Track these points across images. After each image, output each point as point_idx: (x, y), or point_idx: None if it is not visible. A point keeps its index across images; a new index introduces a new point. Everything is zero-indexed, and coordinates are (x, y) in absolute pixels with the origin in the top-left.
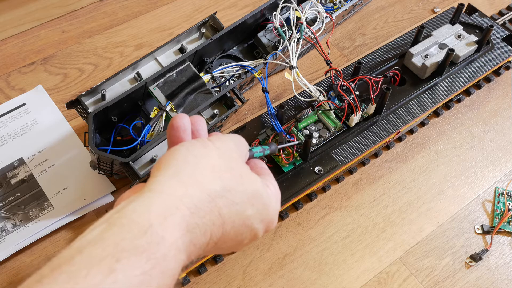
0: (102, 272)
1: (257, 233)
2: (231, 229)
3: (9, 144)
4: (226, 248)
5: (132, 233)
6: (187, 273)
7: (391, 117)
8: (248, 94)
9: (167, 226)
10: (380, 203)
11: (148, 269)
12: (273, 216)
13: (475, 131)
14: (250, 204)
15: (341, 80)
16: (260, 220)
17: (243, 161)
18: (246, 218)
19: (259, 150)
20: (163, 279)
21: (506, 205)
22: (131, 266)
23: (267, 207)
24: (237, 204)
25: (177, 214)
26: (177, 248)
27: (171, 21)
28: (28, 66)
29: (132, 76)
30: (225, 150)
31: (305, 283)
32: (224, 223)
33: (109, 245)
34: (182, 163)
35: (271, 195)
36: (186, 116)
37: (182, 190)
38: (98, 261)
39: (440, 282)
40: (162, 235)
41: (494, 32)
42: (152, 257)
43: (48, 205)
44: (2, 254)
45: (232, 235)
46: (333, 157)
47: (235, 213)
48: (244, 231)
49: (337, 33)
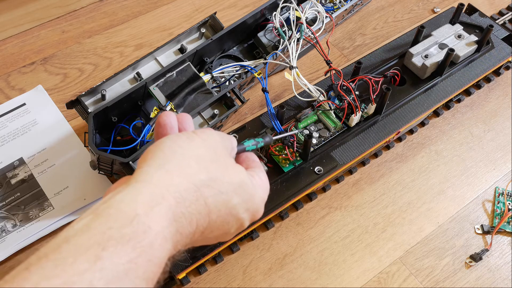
0: (88, 259)
1: (243, 222)
2: (217, 218)
3: (9, 144)
4: (213, 237)
5: (119, 222)
6: (187, 273)
7: (391, 117)
8: (248, 94)
9: (153, 216)
10: (380, 203)
11: (134, 257)
12: (259, 205)
13: (475, 131)
14: (236, 193)
15: (341, 80)
16: (246, 209)
17: (228, 154)
18: (232, 207)
19: (252, 143)
20: (149, 267)
21: (506, 205)
22: (117, 254)
23: (252, 197)
24: (223, 194)
25: (163, 204)
26: (164, 237)
27: (171, 21)
28: (28, 66)
29: (132, 76)
30: (210, 142)
31: (305, 283)
32: (210, 212)
33: (95, 234)
34: (168, 154)
35: (257, 185)
36: (172, 114)
37: (168, 180)
38: (84, 250)
39: (440, 282)
40: (149, 224)
41: (494, 32)
42: (138, 245)
43: (48, 205)
44: (2, 254)
45: (219, 224)
46: (333, 157)
47: (221, 202)
48: (230, 220)
49: (337, 33)
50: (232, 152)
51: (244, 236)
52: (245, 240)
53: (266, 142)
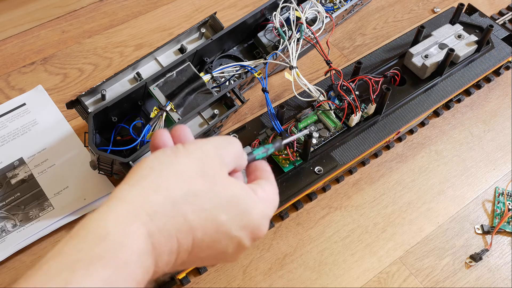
0: (59, 284)
1: (240, 241)
2: (204, 236)
3: (9, 144)
4: (208, 258)
5: (89, 243)
6: (187, 273)
7: (391, 117)
8: (248, 94)
9: (126, 233)
10: (380, 203)
11: (108, 276)
12: (258, 222)
13: (475, 131)
14: (223, 209)
15: (341, 80)
16: (240, 227)
17: (222, 165)
18: (220, 225)
19: (261, 151)
20: (128, 284)
21: (506, 205)
22: (88, 275)
23: (247, 213)
24: (206, 210)
25: (136, 221)
26: (139, 254)
27: (171, 21)
28: (28, 66)
29: (132, 76)
30: (198, 155)
31: (305, 283)
32: (192, 229)
33: (65, 257)
34: (146, 171)
35: (257, 200)
36: (165, 132)
37: (142, 197)
38: (54, 275)
39: (440, 282)
40: (121, 241)
41: (494, 32)
42: (111, 264)
43: (48, 205)
44: (2, 254)
45: (208, 243)
46: (333, 157)
47: (204, 219)
48: (221, 238)
49: (337, 33)
50: (238, 159)
51: None
52: None
53: (276, 148)
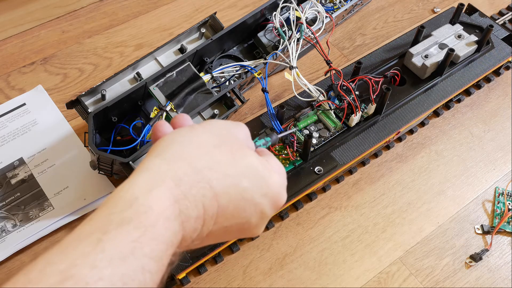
0: (90, 243)
1: (263, 209)
2: (229, 202)
3: (9, 144)
4: (232, 229)
5: (119, 207)
6: (187, 273)
7: (391, 117)
8: (248, 94)
9: (152, 198)
10: (380, 203)
11: (138, 236)
12: (277, 190)
13: (475, 131)
14: (245, 176)
15: (341, 80)
16: (262, 194)
17: (235, 138)
18: (243, 191)
19: (262, 142)
20: (156, 246)
21: (506, 205)
22: (119, 235)
23: (266, 181)
24: (229, 177)
25: (162, 186)
26: (166, 217)
27: (171, 21)
28: (28, 66)
29: (132, 76)
30: (213, 129)
31: (305, 283)
32: (217, 195)
33: (97, 221)
34: (168, 144)
35: (271, 169)
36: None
37: (166, 165)
38: (86, 236)
39: (440, 282)
40: (148, 205)
41: (494, 32)
42: (140, 225)
43: (48, 205)
44: (2, 254)
45: (232, 210)
46: (333, 157)
47: (228, 185)
48: (245, 206)
49: (337, 33)
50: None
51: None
52: (245, 240)
53: (273, 141)
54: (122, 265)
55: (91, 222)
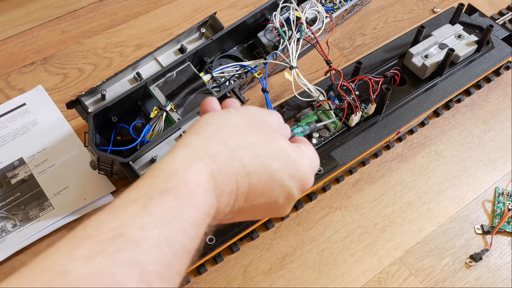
0: (137, 207)
1: (290, 190)
2: (258, 182)
3: (9, 144)
4: (261, 207)
5: (161, 178)
6: (187, 273)
7: (391, 117)
8: (248, 94)
9: (191, 171)
10: (380, 203)
11: (178, 204)
12: (306, 173)
13: (475, 131)
14: (275, 158)
15: (341, 80)
16: (290, 176)
17: (267, 124)
18: (273, 172)
19: (300, 130)
20: (194, 214)
21: (506, 205)
22: (162, 201)
23: (296, 164)
24: (260, 158)
25: (200, 161)
26: (204, 189)
27: (171, 21)
28: (28, 66)
29: (132, 76)
30: (248, 113)
31: (305, 283)
32: (248, 174)
33: (142, 189)
34: (204, 124)
35: (301, 154)
36: (214, 99)
37: (202, 142)
38: (133, 200)
39: (440, 282)
40: (188, 177)
41: (494, 32)
42: (181, 194)
43: (48, 205)
44: (2, 254)
45: (262, 189)
46: (333, 157)
47: (259, 165)
48: (274, 186)
49: (337, 33)
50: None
51: (244, 236)
52: (245, 240)
53: (311, 129)
54: (166, 228)
55: (135, 189)
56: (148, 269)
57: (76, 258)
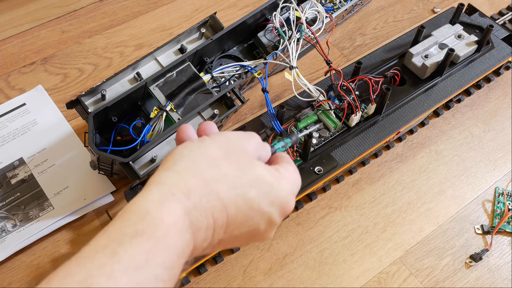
0: (106, 255)
1: (271, 217)
2: (237, 212)
3: (9, 144)
4: (242, 236)
5: (132, 221)
6: (187, 273)
7: (391, 117)
8: (248, 94)
9: (163, 210)
10: (380, 203)
11: (150, 247)
12: (286, 197)
13: (475, 131)
14: (252, 187)
15: (341, 80)
16: (270, 202)
17: (243, 150)
18: (251, 200)
19: (281, 145)
20: (167, 256)
21: (506, 205)
22: (133, 247)
23: (274, 189)
24: (236, 188)
25: (173, 199)
26: (178, 228)
27: (171, 21)
28: (28, 66)
29: (132, 76)
30: (222, 141)
31: (305, 283)
32: (225, 206)
33: (112, 233)
34: (177, 158)
35: (280, 178)
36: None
37: (176, 178)
38: (103, 247)
39: (440, 282)
40: (160, 217)
41: (494, 32)
42: (153, 236)
43: (48, 205)
44: (2, 254)
45: (241, 219)
46: (333, 157)
47: (236, 195)
48: (253, 214)
49: (337, 33)
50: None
51: None
52: None
53: (293, 141)
54: (137, 275)
55: (106, 234)
56: None
57: None
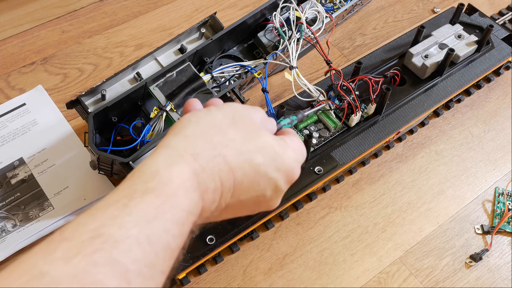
0: (117, 208)
1: (276, 183)
2: (243, 177)
3: (9, 144)
4: (249, 202)
5: (142, 179)
6: (187, 273)
7: (391, 117)
8: (248, 94)
9: (172, 171)
10: (380, 203)
11: (159, 204)
12: (291, 165)
13: (475, 131)
14: (259, 152)
15: (341, 80)
16: (276, 168)
17: (249, 120)
18: (257, 165)
19: (287, 122)
20: (177, 212)
21: (506, 205)
22: (143, 201)
23: (280, 156)
24: (243, 153)
25: (181, 161)
26: (186, 188)
27: (171, 21)
28: (28, 66)
29: (132, 76)
30: (229, 110)
31: (305, 283)
32: (232, 170)
33: (123, 190)
34: (185, 124)
35: (286, 146)
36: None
37: (184, 142)
38: (114, 202)
39: (440, 282)
40: (169, 177)
41: (494, 32)
42: (162, 194)
43: (48, 205)
44: (2, 254)
45: (247, 184)
46: (333, 157)
47: (242, 160)
48: (259, 180)
49: (337, 33)
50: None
51: (244, 236)
52: (245, 240)
53: (299, 118)
54: (147, 227)
55: (117, 191)
56: (129, 268)
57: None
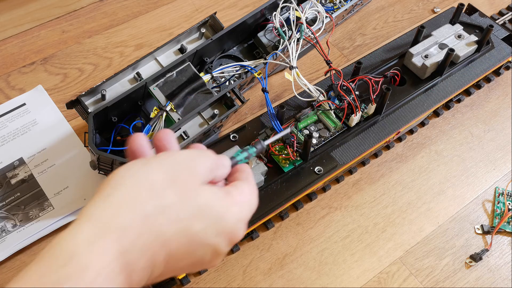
0: None
1: (217, 248)
2: (179, 247)
3: (9, 144)
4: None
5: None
6: (187, 273)
7: (391, 117)
8: (248, 94)
9: (93, 253)
10: (380, 203)
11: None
12: (234, 226)
13: (475, 131)
14: (197, 219)
15: (341, 80)
16: (216, 233)
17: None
18: (194, 234)
19: (245, 156)
20: None
21: (506, 205)
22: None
23: (222, 219)
24: (179, 221)
25: (104, 240)
26: (107, 274)
27: (171, 21)
28: (28, 66)
29: (132, 76)
30: (171, 163)
31: (305, 283)
32: (167, 242)
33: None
34: (117, 185)
35: (230, 203)
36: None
37: (111, 213)
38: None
39: (440, 282)
40: (87, 262)
41: (494, 32)
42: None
43: (48, 205)
44: (2, 254)
45: (183, 253)
46: (333, 157)
47: (178, 231)
48: (197, 248)
49: (337, 33)
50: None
51: (244, 236)
52: (245, 240)
53: (258, 149)
54: None
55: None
56: None
57: None
